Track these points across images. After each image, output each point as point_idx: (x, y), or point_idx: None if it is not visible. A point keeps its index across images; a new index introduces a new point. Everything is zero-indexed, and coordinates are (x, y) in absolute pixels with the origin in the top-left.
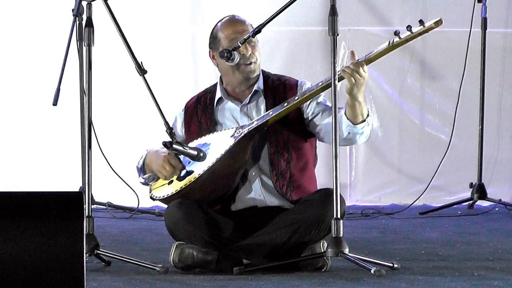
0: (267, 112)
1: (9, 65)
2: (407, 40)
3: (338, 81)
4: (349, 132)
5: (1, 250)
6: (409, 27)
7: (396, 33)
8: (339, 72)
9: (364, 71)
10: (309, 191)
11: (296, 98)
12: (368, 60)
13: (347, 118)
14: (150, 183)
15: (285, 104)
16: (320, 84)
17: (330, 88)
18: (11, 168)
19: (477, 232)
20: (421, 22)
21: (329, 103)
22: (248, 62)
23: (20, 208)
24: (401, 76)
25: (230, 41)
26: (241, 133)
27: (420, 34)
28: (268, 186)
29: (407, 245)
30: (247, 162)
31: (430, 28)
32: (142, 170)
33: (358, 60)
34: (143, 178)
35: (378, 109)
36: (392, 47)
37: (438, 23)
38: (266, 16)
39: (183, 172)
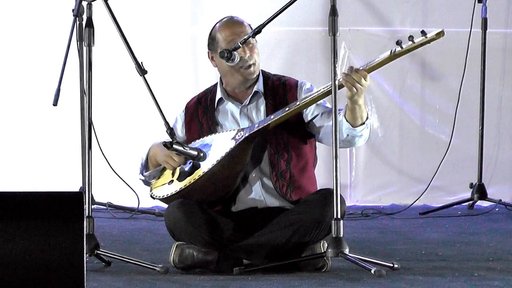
0: (269, 116)
1: (9, 65)
2: (408, 50)
3: (339, 89)
4: (348, 135)
5: (2, 250)
6: (411, 37)
7: (398, 43)
8: (340, 80)
9: (366, 80)
10: (309, 191)
11: (297, 103)
12: (369, 69)
13: (347, 121)
14: (151, 181)
15: (286, 109)
16: (322, 90)
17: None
18: (11, 168)
19: (477, 232)
20: (423, 32)
21: (329, 105)
22: (247, 65)
23: (20, 208)
24: (401, 76)
25: (228, 43)
26: (242, 136)
27: (422, 44)
28: (268, 187)
29: (407, 245)
30: (247, 165)
31: (432, 39)
32: (145, 165)
33: (359, 68)
34: (144, 175)
35: (378, 110)
36: (393, 56)
37: (440, 34)
38: (266, 16)
39: (187, 168)
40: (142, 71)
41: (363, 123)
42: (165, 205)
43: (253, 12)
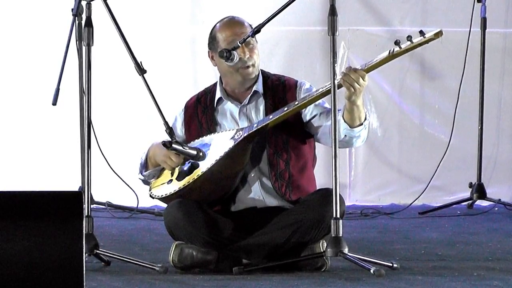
0: (268, 116)
1: (9, 65)
2: (407, 50)
3: (338, 88)
4: (345, 135)
5: (1, 250)
6: (409, 37)
7: (397, 43)
8: (338, 80)
9: (364, 80)
10: (308, 191)
11: (296, 103)
12: (367, 69)
13: (345, 122)
14: (150, 181)
15: (285, 109)
16: (321, 90)
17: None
18: (11, 168)
19: (476, 232)
20: (422, 32)
21: (327, 105)
22: (246, 66)
23: (20, 208)
24: (400, 76)
25: (228, 43)
26: (241, 135)
27: (420, 44)
28: (267, 187)
29: (406, 245)
30: (246, 165)
31: (430, 39)
32: (145, 165)
33: (358, 68)
34: (143, 175)
35: (377, 109)
36: (392, 56)
37: (438, 34)
38: (266, 16)
39: (186, 168)
40: (142, 71)
41: (361, 124)
42: (165, 205)
43: (253, 12)
